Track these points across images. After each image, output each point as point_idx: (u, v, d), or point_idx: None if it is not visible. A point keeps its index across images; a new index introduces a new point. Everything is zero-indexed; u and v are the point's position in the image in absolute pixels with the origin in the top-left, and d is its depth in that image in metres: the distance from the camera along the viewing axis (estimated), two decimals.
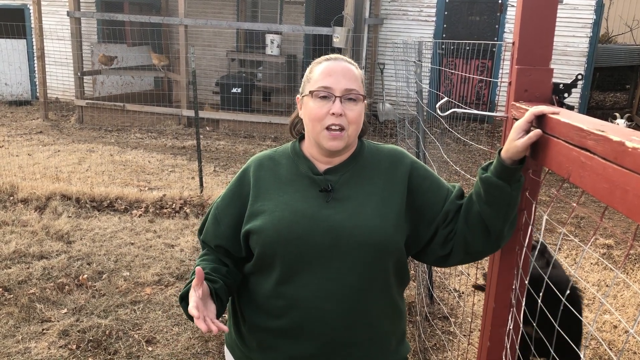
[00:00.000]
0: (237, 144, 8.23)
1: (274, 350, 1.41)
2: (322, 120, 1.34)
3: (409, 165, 1.44)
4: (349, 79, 1.36)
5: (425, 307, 3.46)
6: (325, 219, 1.34)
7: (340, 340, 1.37)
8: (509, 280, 1.45)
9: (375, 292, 1.38)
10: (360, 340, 1.39)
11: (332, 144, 1.34)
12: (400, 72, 7.35)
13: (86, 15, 9.78)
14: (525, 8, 1.31)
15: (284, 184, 1.41)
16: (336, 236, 1.33)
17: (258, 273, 1.42)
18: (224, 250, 1.46)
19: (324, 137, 1.35)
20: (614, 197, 0.85)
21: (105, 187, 5.63)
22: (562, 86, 1.32)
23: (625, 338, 3.25)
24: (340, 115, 1.33)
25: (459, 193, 1.43)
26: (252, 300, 1.42)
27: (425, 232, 1.41)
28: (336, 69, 1.37)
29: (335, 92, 1.34)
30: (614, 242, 4.72)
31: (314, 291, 1.34)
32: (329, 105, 1.34)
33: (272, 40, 9.74)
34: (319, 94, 1.35)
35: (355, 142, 1.44)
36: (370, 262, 1.35)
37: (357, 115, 1.36)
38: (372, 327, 1.40)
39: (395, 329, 1.47)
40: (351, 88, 1.35)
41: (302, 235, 1.33)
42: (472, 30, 9.72)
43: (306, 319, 1.35)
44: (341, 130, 1.34)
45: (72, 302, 3.49)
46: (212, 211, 1.49)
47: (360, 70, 1.44)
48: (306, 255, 1.34)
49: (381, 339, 1.43)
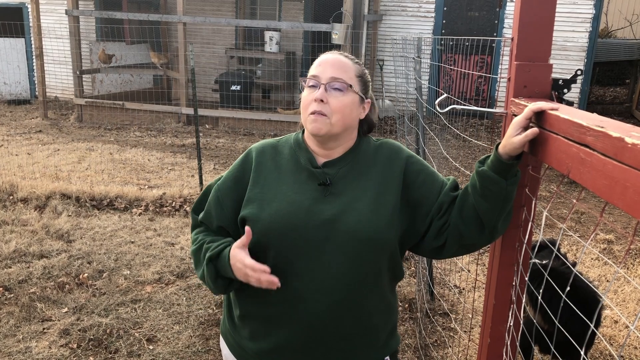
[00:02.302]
0: (237, 142, 8.22)
1: (264, 339, 1.43)
2: (308, 107, 1.38)
3: (404, 160, 1.45)
4: (337, 68, 1.39)
5: (425, 304, 3.46)
6: (320, 212, 1.36)
7: (329, 332, 1.39)
8: (509, 276, 1.45)
9: (367, 286, 1.40)
10: (350, 333, 1.41)
11: (314, 126, 1.37)
12: (399, 69, 7.33)
13: (85, 14, 9.76)
14: (524, 3, 1.30)
15: (284, 174, 1.43)
16: (330, 229, 1.35)
17: None
18: (225, 232, 1.47)
19: (309, 121, 1.38)
20: (614, 193, 0.84)
21: (105, 186, 5.62)
22: (561, 82, 1.32)
23: (626, 333, 3.25)
24: (321, 102, 1.36)
25: (453, 185, 1.44)
26: (244, 289, 1.43)
27: (420, 225, 1.42)
28: (327, 59, 1.41)
29: (322, 80, 1.38)
30: (614, 237, 4.71)
31: (307, 282, 1.35)
32: (316, 93, 1.37)
33: (271, 37, 9.72)
34: (308, 82, 1.40)
35: (349, 135, 1.44)
36: (363, 257, 1.36)
37: (341, 104, 1.37)
38: (362, 321, 1.41)
39: (385, 323, 1.49)
40: (337, 77, 1.38)
41: (297, 228, 1.35)
42: (471, 26, 9.70)
43: (296, 309, 1.37)
44: (323, 115, 1.36)
45: (72, 301, 3.49)
46: (213, 194, 1.49)
47: (359, 65, 1.45)
48: (300, 247, 1.35)
49: (371, 332, 1.45)
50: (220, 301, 3.49)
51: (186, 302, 3.53)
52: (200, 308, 3.47)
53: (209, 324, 3.30)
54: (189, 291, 3.67)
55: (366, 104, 1.46)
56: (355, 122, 1.44)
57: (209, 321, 3.32)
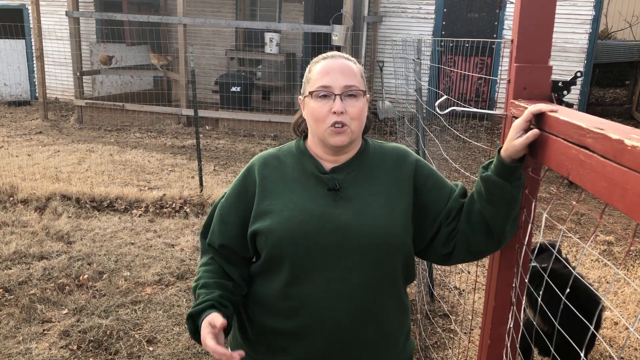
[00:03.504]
0: (237, 143, 8.22)
1: (284, 352, 1.40)
2: (325, 119, 1.34)
3: (413, 164, 1.44)
4: (347, 75, 1.35)
5: (425, 305, 3.46)
6: (333, 218, 1.34)
7: (350, 339, 1.36)
8: (509, 278, 1.45)
9: (384, 289, 1.38)
10: (370, 339, 1.39)
11: (337, 139, 1.34)
12: (399, 70, 7.34)
13: (85, 15, 9.77)
14: (523, 5, 1.30)
15: (291, 183, 1.40)
16: (344, 235, 1.33)
17: (266, 274, 1.41)
18: (230, 251, 1.44)
19: (329, 134, 1.34)
20: (613, 195, 0.84)
21: (105, 187, 5.62)
22: (561, 84, 1.32)
23: (626, 335, 3.25)
24: (342, 113, 1.33)
25: (462, 191, 1.43)
26: (259, 303, 1.41)
27: (428, 230, 1.41)
28: (334, 66, 1.36)
29: (335, 90, 1.34)
30: (614, 238, 4.71)
31: (324, 290, 1.33)
32: (330, 103, 1.34)
33: (271, 39, 9.73)
34: (319, 93, 1.35)
35: (359, 139, 1.44)
36: (379, 261, 1.35)
37: (359, 111, 1.36)
38: (381, 325, 1.40)
39: (402, 326, 1.48)
40: (350, 84, 1.35)
41: (311, 235, 1.33)
42: (471, 28, 9.70)
43: (316, 319, 1.34)
44: (344, 126, 1.34)
45: (72, 303, 3.49)
46: (217, 212, 1.47)
47: (359, 65, 1.44)
48: (315, 254, 1.33)
49: (389, 336, 1.43)
50: None
51: (186, 304, 3.53)
52: None
53: None
54: (189, 292, 3.66)
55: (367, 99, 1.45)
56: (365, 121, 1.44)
57: None
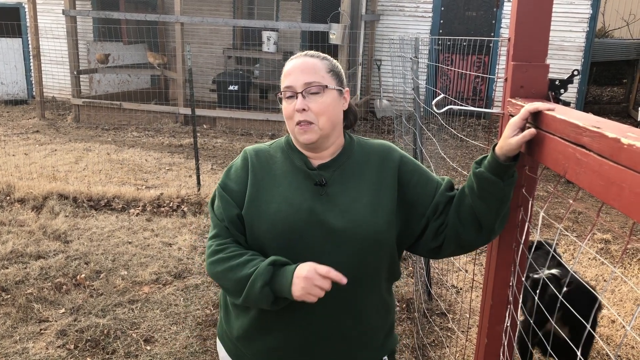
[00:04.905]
0: (235, 142, 8.22)
1: (260, 341, 1.43)
2: (292, 118, 1.39)
3: (397, 160, 1.45)
4: (307, 73, 1.38)
5: (423, 304, 3.46)
6: (319, 213, 1.36)
7: (327, 332, 1.39)
8: (506, 277, 1.45)
9: (365, 287, 1.40)
10: (348, 333, 1.41)
11: (305, 137, 1.37)
12: (397, 69, 7.34)
13: (82, 14, 9.74)
14: (521, 3, 1.30)
15: (279, 176, 1.42)
16: (329, 231, 1.35)
17: None
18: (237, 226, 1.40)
19: (298, 133, 1.39)
20: (610, 193, 0.84)
21: (103, 186, 5.61)
22: (558, 82, 1.32)
23: (622, 333, 3.26)
24: (303, 110, 1.36)
25: (448, 185, 1.44)
26: None
27: (416, 226, 1.43)
28: (295, 66, 1.40)
29: (297, 88, 1.38)
30: (611, 237, 4.72)
31: None
32: (295, 102, 1.38)
33: (269, 37, 9.72)
34: (285, 94, 1.40)
35: (336, 135, 1.44)
36: (362, 258, 1.37)
37: (322, 106, 1.37)
38: (361, 321, 1.42)
39: (383, 323, 1.49)
40: (310, 81, 1.37)
41: (296, 229, 1.35)
42: (468, 26, 9.70)
43: (294, 311, 1.36)
44: (310, 124, 1.36)
45: (69, 302, 3.48)
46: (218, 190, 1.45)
47: (327, 60, 1.44)
48: (299, 247, 1.35)
49: (369, 333, 1.45)
50: (218, 302, 3.48)
51: (183, 303, 3.52)
52: (198, 308, 3.46)
53: (206, 324, 3.30)
54: (187, 292, 3.66)
55: (346, 94, 1.45)
56: (341, 117, 1.44)
57: (207, 322, 3.32)
